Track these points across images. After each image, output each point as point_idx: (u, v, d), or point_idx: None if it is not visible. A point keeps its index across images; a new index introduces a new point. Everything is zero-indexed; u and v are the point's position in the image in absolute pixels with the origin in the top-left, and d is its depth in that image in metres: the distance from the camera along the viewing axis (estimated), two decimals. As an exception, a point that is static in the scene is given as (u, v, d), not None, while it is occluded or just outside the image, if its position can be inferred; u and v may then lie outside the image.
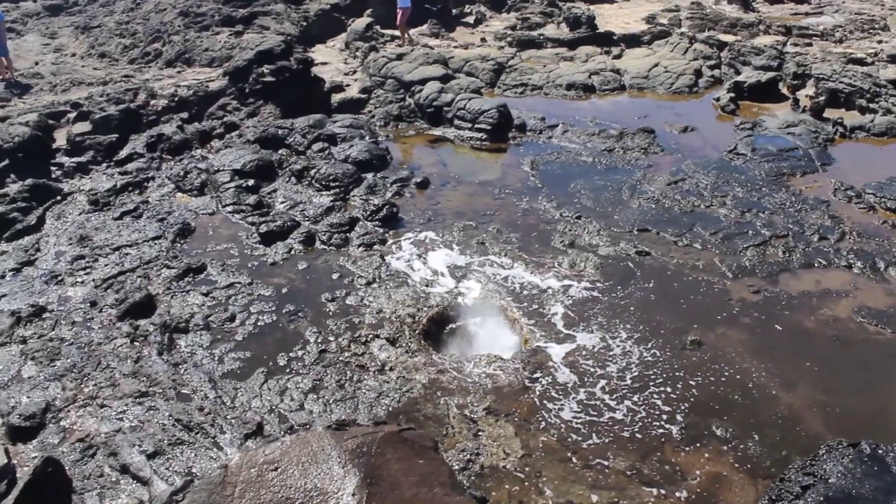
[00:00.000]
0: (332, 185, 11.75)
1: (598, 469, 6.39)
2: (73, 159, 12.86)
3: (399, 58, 17.96)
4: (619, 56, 19.36)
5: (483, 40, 20.97)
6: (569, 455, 6.53)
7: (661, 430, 6.83)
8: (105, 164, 12.87)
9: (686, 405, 7.14)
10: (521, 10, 23.94)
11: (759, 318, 8.49)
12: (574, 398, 7.25)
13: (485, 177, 12.52)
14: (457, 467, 6.26)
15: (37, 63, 19.37)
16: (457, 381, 7.48)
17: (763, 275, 9.35)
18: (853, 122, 14.42)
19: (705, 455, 6.56)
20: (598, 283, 9.18)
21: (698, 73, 17.75)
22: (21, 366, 7.73)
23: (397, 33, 20.56)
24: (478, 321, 8.65)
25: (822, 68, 16.33)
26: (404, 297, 8.89)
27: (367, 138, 13.56)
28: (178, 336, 8.24)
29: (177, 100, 15.44)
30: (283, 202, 11.35)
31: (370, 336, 8.18)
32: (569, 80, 17.37)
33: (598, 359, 7.82)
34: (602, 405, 7.16)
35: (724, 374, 7.55)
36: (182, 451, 6.57)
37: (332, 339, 8.16)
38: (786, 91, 16.63)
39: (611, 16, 23.59)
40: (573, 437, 6.76)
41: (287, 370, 7.67)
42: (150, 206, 11.34)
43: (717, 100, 16.08)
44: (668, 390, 7.33)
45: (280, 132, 13.69)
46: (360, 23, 21.08)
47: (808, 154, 13.08)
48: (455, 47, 20.17)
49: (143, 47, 20.04)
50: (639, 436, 6.77)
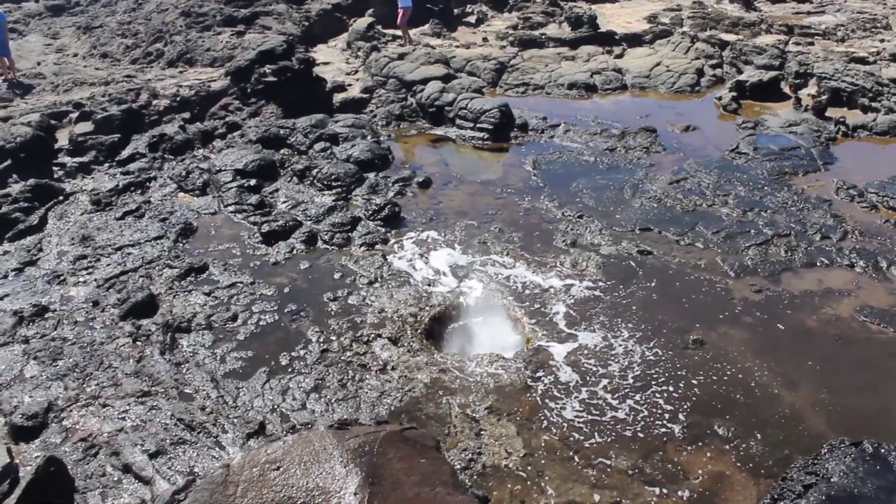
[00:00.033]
0: (333, 184, 11.76)
1: (600, 468, 6.39)
2: (76, 159, 12.90)
3: (401, 57, 17.97)
4: (620, 55, 19.35)
5: (485, 40, 20.97)
6: (571, 454, 6.53)
7: (663, 430, 6.83)
8: (107, 164, 12.90)
9: (688, 404, 7.13)
10: (523, 9, 23.95)
11: (761, 318, 8.48)
12: (576, 397, 7.25)
13: (486, 176, 12.52)
14: (459, 466, 6.26)
15: (39, 63, 19.40)
16: (459, 381, 7.48)
17: (765, 274, 9.34)
18: (855, 120, 14.39)
19: (707, 454, 6.55)
20: (599, 283, 9.17)
21: (700, 73, 17.73)
22: (23, 365, 7.75)
23: (399, 33, 20.57)
24: (480, 320, 8.65)
25: (824, 67, 16.30)
26: (406, 296, 8.90)
27: (368, 138, 13.56)
28: (181, 335, 8.25)
29: (179, 100, 15.45)
30: (284, 202, 11.36)
31: (372, 335, 8.19)
32: (570, 79, 17.36)
33: (600, 358, 7.81)
34: (604, 404, 7.15)
35: (726, 374, 7.55)
36: (184, 450, 6.58)
37: (334, 338, 8.17)
38: (788, 90, 16.61)
39: (612, 15, 23.58)
40: (575, 436, 6.76)
41: (289, 369, 7.68)
42: (152, 206, 11.36)
43: (719, 99, 16.05)
44: (670, 389, 7.33)
45: (282, 132, 13.70)
46: (362, 23, 21.09)
47: (810, 153, 13.06)
48: (457, 47, 20.17)
49: (145, 47, 20.07)
50: (641, 435, 6.76)
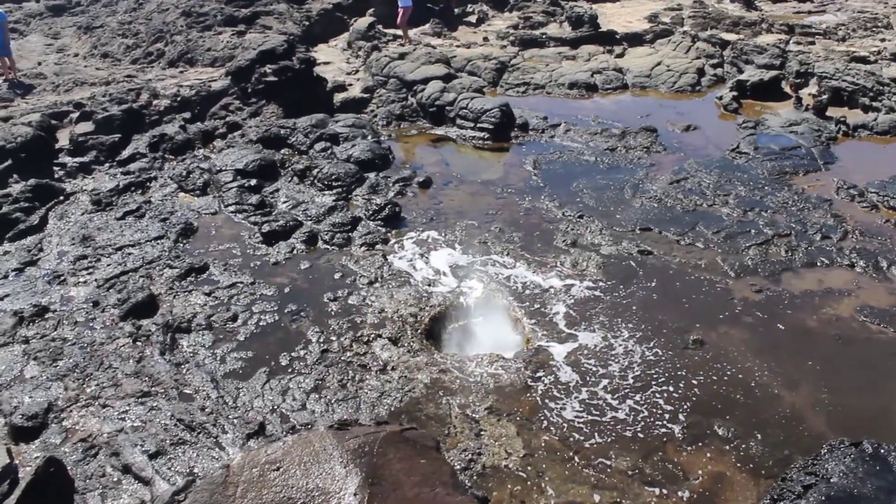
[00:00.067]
0: (334, 184, 11.76)
1: (600, 469, 6.39)
2: (76, 159, 12.90)
3: (401, 57, 17.96)
4: (621, 55, 19.34)
5: (485, 39, 20.96)
6: (571, 455, 6.53)
7: (663, 430, 6.82)
8: (108, 164, 12.91)
9: (688, 405, 7.13)
10: (524, 9, 23.94)
11: (762, 318, 8.48)
12: (576, 398, 7.25)
13: (487, 176, 12.52)
14: (459, 467, 6.26)
15: (39, 63, 19.41)
16: (459, 381, 7.48)
17: (765, 274, 9.33)
18: (856, 120, 14.37)
19: (707, 455, 6.55)
20: (600, 283, 9.17)
21: (701, 72, 17.72)
22: (23, 366, 7.75)
23: (399, 33, 20.56)
24: (480, 321, 8.65)
25: (825, 67, 16.28)
26: (406, 296, 8.89)
27: (369, 138, 13.56)
28: (181, 336, 8.25)
29: (179, 100, 15.45)
30: (285, 202, 11.36)
31: (372, 336, 8.19)
32: (571, 79, 17.35)
33: (601, 358, 7.81)
34: (604, 405, 7.15)
35: (727, 374, 7.54)
36: (184, 450, 6.58)
37: (334, 338, 8.17)
38: (788, 90, 16.59)
39: (613, 15, 23.57)
40: (575, 436, 6.76)
41: (289, 370, 7.68)
42: (152, 206, 11.36)
43: (720, 98, 16.03)
44: (670, 390, 7.33)
45: (282, 132, 13.70)
46: (363, 22, 21.09)
47: (810, 153, 13.05)
48: (457, 46, 20.17)
49: (146, 47, 20.07)
50: (641, 435, 6.76)
